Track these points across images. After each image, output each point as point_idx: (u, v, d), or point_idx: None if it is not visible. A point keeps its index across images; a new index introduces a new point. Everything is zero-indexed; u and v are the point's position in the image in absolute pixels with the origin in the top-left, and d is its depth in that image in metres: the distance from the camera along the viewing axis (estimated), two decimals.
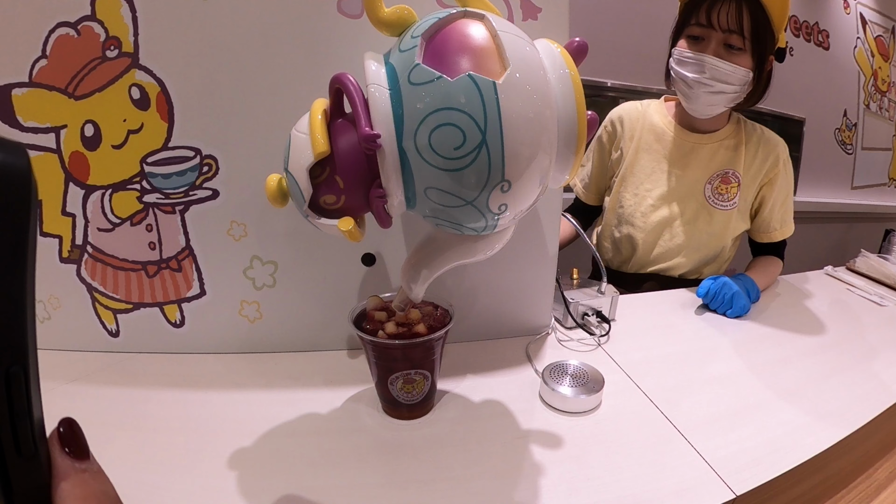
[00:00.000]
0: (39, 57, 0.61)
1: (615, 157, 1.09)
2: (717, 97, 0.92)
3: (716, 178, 1.00)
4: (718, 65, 0.89)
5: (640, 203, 1.03)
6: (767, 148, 1.01)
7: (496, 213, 0.43)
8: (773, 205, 1.03)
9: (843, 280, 1.13)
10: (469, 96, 0.38)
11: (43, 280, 0.67)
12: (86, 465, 0.20)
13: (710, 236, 1.02)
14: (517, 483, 0.49)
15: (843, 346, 0.82)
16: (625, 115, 1.08)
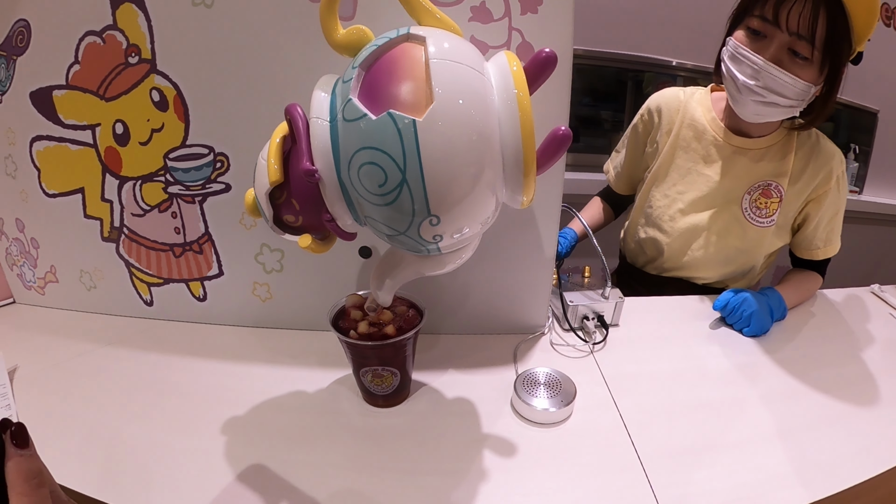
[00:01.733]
0: (73, 62, 0.74)
1: (650, 151, 1.04)
2: (768, 108, 0.83)
3: (756, 189, 0.92)
4: (775, 73, 0.79)
5: (670, 206, 0.99)
6: (820, 161, 0.91)
7: (432, 242, 0.48)
8: (819, 223, 0.95)
9: (889, 303, 1.00)
10: (388, 135, 0.42)
11: (89, 255, 0.85)
12: (24, 452, 0.32)
13: (740, 252, 0.97)
14: (459, 484, 0.55)
15: (866, 384, 0.75)
16: (663, 105, 1.01)
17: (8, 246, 0.92)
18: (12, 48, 0.78)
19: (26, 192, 0.85)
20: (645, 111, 1.05)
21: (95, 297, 0.87)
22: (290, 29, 0.66)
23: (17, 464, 0.32)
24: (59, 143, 0.79)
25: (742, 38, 0.82)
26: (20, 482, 0.32)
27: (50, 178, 0.83)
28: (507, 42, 0.65)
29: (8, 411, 0.66)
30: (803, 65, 0.78)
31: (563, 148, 0.49)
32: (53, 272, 0.89)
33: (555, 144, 0.48)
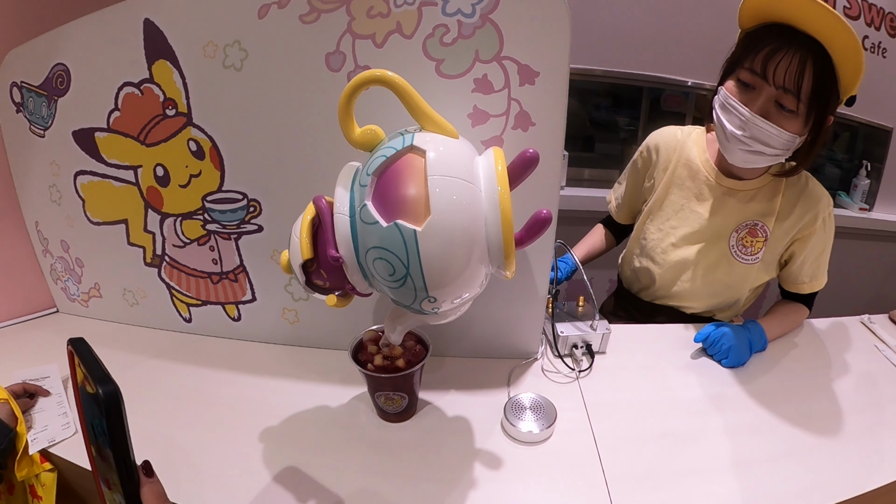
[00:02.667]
0: (113, 109, 0.89)
1: (647, 186, 1.15)
2: (755, 156, 0.92)
3: (743, 228, 1.03)
4: (762, 125, 0.87)
5: (663, 239, 1.10)
6: (807, 204, 1.00)
7: (431, 311, 0.64)
8: (805, 260, 1.05)
9: (876, 334, 1.10)
10: (395, 240, 0.56)
11: (132, 276, 1.02)
12: (152, 479, 0.47)
13: (727, 287, 1.08)
14: (453, 490, 0.72)
15: (832, 419, 0.85)
16: (661, 144, 1.12)
17: (53, 262, 1.11)
18: (53, 89, 0.93)
19: (71, 218, 1.02)
20: (644, 148, 1.16)
21: (138, 313, 1.05)
22: (312, 93, 0.80)
23: (150, 488, 0.47)
24: (103, 179, 0.95)
25: (732, 88, 0.91)
26: (153, 500, 0.46)
27: (94, 208, 0.99)
28: (507, 111, 0.77)
29: (65, 419, 0.83)
30: (789, 117, 0.87)
31: (545, 228, 0.63)
32: (97, 288, 1.07)
33: (537, 226, 0.62)
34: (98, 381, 0.43)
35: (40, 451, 0.79)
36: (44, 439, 0.80)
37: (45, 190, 1.03)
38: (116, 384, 0.43)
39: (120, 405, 0.43)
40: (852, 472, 0.77)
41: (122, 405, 0.43)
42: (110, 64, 0.87)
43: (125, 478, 0.45)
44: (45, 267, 1.14)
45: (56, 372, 0.93)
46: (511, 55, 0.75)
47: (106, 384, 0.43)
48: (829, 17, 0.78)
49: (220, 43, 0.80)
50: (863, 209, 2.07)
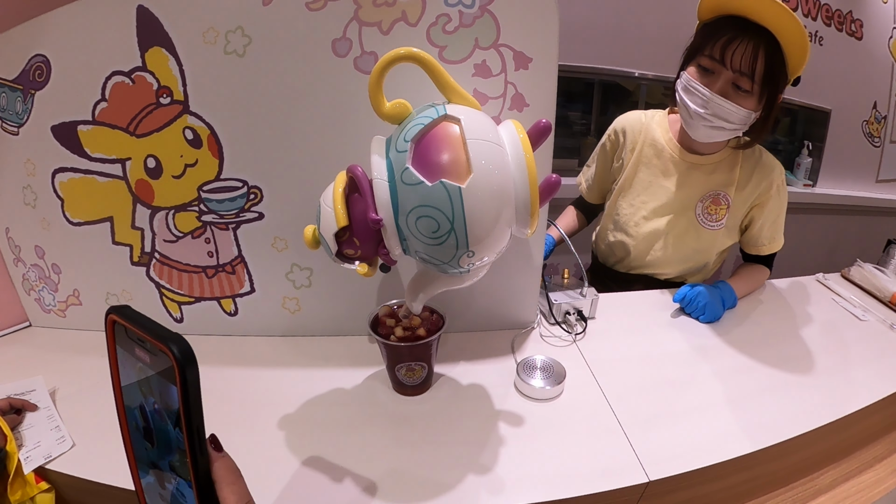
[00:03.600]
0: (100, 100, 0.88)
1: (616, 166, 1.28)
2: (717, 132, 1.06)
3: (707, 198, 1.17)
4: (722, 104, 1.01)
5: (635, 213, 1.23)
6: (763, 172, 1.16)
7: (465, 267, 0.69)
8: (763, 224, 1.20)
9: (832, 289, 1.28)
10: (441, 198, 0.62)
11: (117, 278, 0.99)
12: (223, 454, 0.44)
13: (696, 252, 1.22)
14: (483, 450, 0.77)
15: (807, 358, 1.01)
16: (627, 127, 1.25)
17: (25, 272, 1.05)
18: (30, 82, 0.90)
19: (47, 220, 0.98)
20: (612, 132, 1.29)
21: None
22: (317, 79, 0.83)
23: (223, 463, 0.43)
24: (86, 175, 0.92)
25: (694, 73, 1.05)
26: (229, 474, 0.43)
27: (74, 208, 0.96)
28: (504, 94, 0.85)
29: (59, 433, 0.79)
30: (745, 96, 1.02)
31: (554, 191, 0.70)
32: (76, 295, 1.03)
33: (548, 189, 0.70)
34: (166, 340, 0.39)
35: (35, 471, 0.75)
36: (39, 456, 0.76)
37: (17, 192, 0.98)
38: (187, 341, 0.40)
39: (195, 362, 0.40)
40: (831, 400, 0.90)
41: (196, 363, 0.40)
42: (97, 53, 0.86)
43: (197, 454, 0.41)
44: (16, 278, 1.07)
45: (42, 385, 0.89)
46: (507, 42, 0.82)
47: (178, 341, 0.39)
48: (779, 10, 0.94)
49: (221, 29, 0.82)
50: (807, 185, 2.35)
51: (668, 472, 0.75)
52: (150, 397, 0.43)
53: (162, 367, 0.40)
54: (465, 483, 0.73)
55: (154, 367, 0.41)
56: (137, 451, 0.47)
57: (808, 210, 2.31)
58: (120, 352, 0.45)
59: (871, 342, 1.09)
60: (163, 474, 0.45)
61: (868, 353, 1.05)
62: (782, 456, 0.85)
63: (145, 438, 0.46)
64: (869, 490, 0.97)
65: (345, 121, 0.85)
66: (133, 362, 0.43)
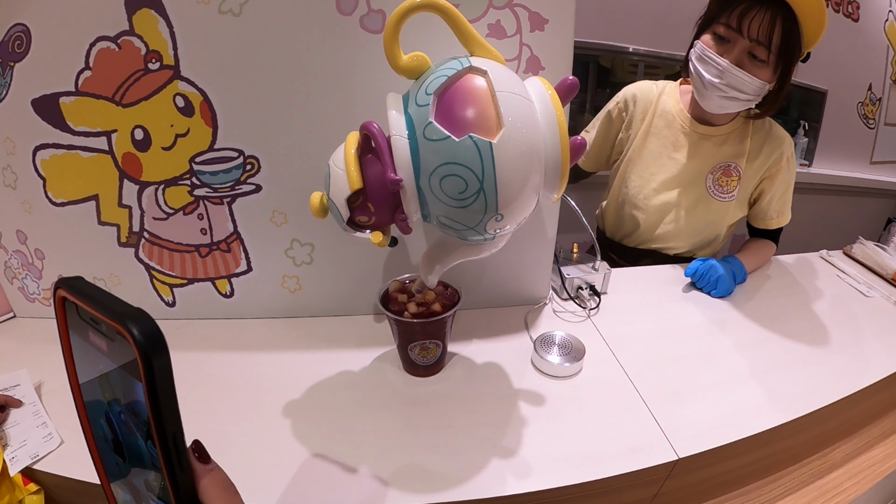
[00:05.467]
0: (83, 68, 0.77)
1: (623, 137, 1.22)
2: (730, 102, 1.01)
3: (718, 169, 1.12)
4: (737, 74, 0.97)
5: (645, 186, 1.17)
6: (773, 144, 1.12)
7: (492, 234, 0.61)
8: (773, 197, 1.16)
9: (836, 266, 1.25)
10: (470, 154, 0.54)
11: (104, 261, 0.88)
12: (211, 466, 0.34)
13: (707, 224, 1.17)
14: (505, 432, 0.70)
15: (818, 333, 0.96)
16: (639, 95, 1.19)
17: (7, 259, 0.93)
18: (9, 54, 0.79)
19: (29, 202, 0.87)
20: (621, 99, 1.22)
21: None
22: (320, 39, 0.74)
23: (211, 479, 0.34)
24: (69, 151, 0.82)
25: (709, 41, 1.00)
26: (220, 494, 0.33)
27: (57, 187, 0.85)
28: (519, 56, 0.77)
29: (46, 430, 0.70)
30: (761, 66, 0.97)
31: (581, 153, 0.63)
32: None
33: (575, 151, 0.62)
34: (124, 318, 0.28)
35: (22, 472, 0.65)
36: (25, 456, 0.66)
37: None
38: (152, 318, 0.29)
39: (165, 347, 0.29)
40: (844, 374, 0.86)
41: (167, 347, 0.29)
42: (81, 18, 0.75)
43: (176, 471, 0.31)
44: None
45: (26, 378, 0.78)
46: (522, 2, 0.75)
47: (139, 321, 0.28)
48: None
49: None
50: (803, 164, 2.31)
51: (696, 449, 0.69)
52: (113, 400, 0.32)
53: (123, 359, 0.29)
54: (490, 468, 0.65)
55: (113, 358, 0.30)
56: (108, 466, 0.36)
57: (803, 190, 2.23)
58: (74, 339, 0.33)
59: (878, 318, 1.05)
60: (140, 494, 0.35)
61: (876, 329, 1.01)
62: (802, 430, 0.80)
63: (115, 451, 0.34)
64: (880, 465, 0.94)
65: (350, 84, 0.76)
66: (91, 352, 0.32)
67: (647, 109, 1.18)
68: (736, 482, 0.83)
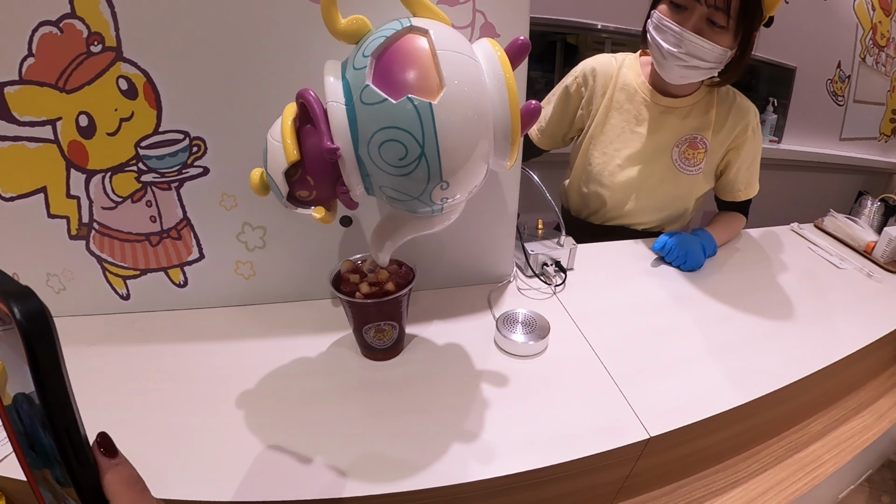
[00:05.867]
0: (27, 55, 0.73)
1: (582, 114, 1.18)
2: (691, 71, 0.98)
3: (684, 142, 1.09)
4: (696, 41, 0.93)
5: (609, 162, 1.14)
6: (738, 114, 1.09)
7: (439, 204, 0.58)
8: (739, 168, 1.13)
9: (807, 238, 1.23)
10: (409, 116, 0.51)
11: (56, 256, 0.84)
12: (117, 460, 0.31)
13: (675, 198, 1.14)
14: (468, 414, 0.67)
15: (789, 306, 0.94)
16: (598, 70, 1.15)
17: None
18: None
19: None
20: (580, 74, 1.17)
21: (66, 300, 0.86)
22: (264, 10, 0.70)
23: (116, 474, 0.31)
24: (15, 143, 0.77)
25: (665, 10, 0.96)
26: (125, 490, 0.31)
27: (6, 181, 0.80)
28: (472, 22, 0.74)
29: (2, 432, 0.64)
30: (720, 32, 0.94)
31: (535, 118, 0.59)
32: (17, 279, 0.86)
33: (528, 116, 0.59)
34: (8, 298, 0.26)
35: None
36: None
37: None
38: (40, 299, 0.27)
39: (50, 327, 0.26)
40: (819, 347, 0.84)
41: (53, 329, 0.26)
42: (22, 3, 0.71)
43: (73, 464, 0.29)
44: None
45: None
46: None
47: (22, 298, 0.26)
48: None
49: None
50: (773, 141, 2.32)
51: (668, 427, 0.67)
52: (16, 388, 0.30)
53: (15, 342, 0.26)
54: (451, 453, 0.62)
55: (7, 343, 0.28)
56: (31, 462, 0.33)
57: (773, 166, 2.27)
58: None
59: (852, 290, 1.03)
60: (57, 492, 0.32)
61: (850, 301, 0.99)
62: (777, 404, 0.78)
63: (30, 447, 0.31)
64: (859, 436, 0.93)
65: (297, 57, 0.73)
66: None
67: (607, 84, 1.14)
68: (713, 458, 0.81)
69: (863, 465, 1.10)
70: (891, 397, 1.04)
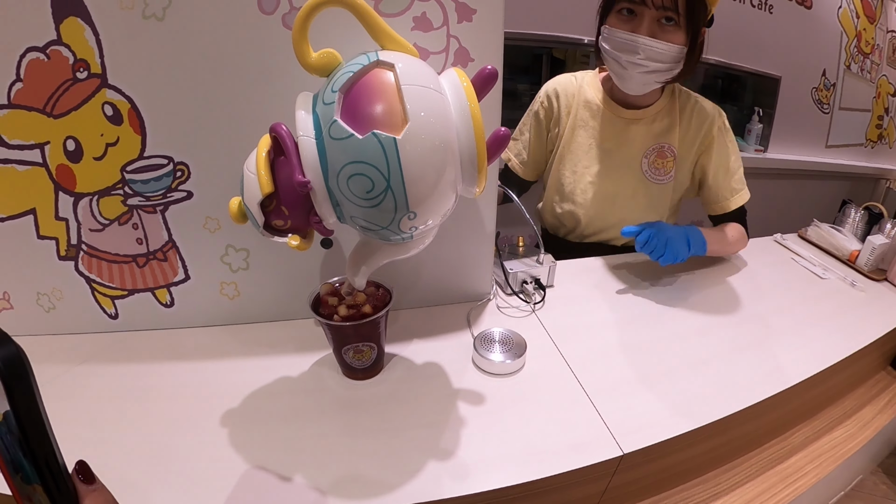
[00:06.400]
0: (15, 80, 0.74)
1: (552, 134, 1.18)
2: (651, 76, 0.99)
3: (651, 152, 1.10)
4: (653, 45, 0.94)
5: (580, 180, 1.14)
6: (701, 116, 1.09)
7: (408, 232, 0.59)
8: (717, 173, 1.11)
9: (790, 248, 1.23)
10: (374, 151, 0.52)
11: (45, 276, 0.85)
12: (95, 486, 0.34)
13: (649, 209, 1.14)
14: (443, 432, 0.68)
15: (770, 317, 0.94)
16: (560, 90, 1.16)
17: None
18: None
19: None
20: (543, 97, 1.19)
21: (55, 318, 0.88)
22: (243, 39, 0.72)
23: (93, 499, 0.33)
24: (4, 165, 0.79)
25: (615, 22, 0.98)
26: None
27: None
28: (446, 48, 0.75)
29: None
30: (673, 31, 0.95)
31: (505, 145, 0.61)
32: (7, 298, 0.88)
33: (497, 143, 0.60)
34: None
35: None
36: None
37: None
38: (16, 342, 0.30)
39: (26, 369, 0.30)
40: (799, 358, 0.84)
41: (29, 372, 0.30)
42: (10, 29, 0.72)
43: (53, 492, 0.32)
44: None
45: None
46: None
47: None
48: None
49: None
50: (758, 150, 2.30)
51: (641, 444, 0.67)
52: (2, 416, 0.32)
53: None
54: (426, 470, 0.63)
55: None
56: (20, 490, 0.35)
57: (759, 175, 2.25)
58: None
59: (834, 299, 1.04)
60: None
61: (832, 311, 1.00)
62: (755, 417, 0.78)
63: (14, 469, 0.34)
64: (841, 446, 0.93)
65: (275, 85, 0.74)
66: None
67: (570, 103, 1.15)
68: (693, 471, 0.82)
69: (847, 476, 1.10)
70: (875, 406, 1.04)
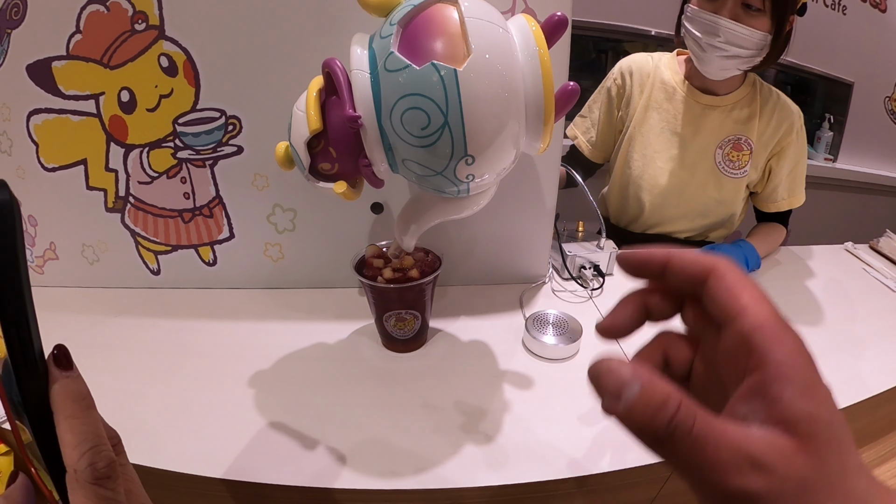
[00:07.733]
0: (74, 32, 0.75)
1: (620, 115, 1.12)
2: (731, 61, 0.92)
3: (727, 143, 1.02)
4: (734, 28, 0.89)
5: (649, 165, 1.07)
6: (782, 115, 1.02)
7: (464, 181, 0.54)
8: (783, 175, 1.05)
9: (861, 259, 1.11)
10: (432, 83, 0.47)
11: (91, 227, 0.85)
12: (69, 374, 0.30)
13: (719, 203, 1.06)
14: (484, 415, 0.62)
15: (833, 328, 0.85)
16: (635, 68, 1.10)
17: None
18: (6, 21, 0.77)
19: (23, 168, 0.84)
20: (618, 74, 1.13)
21: (99, 271, 0.87)
22: None
23: (64, 385, 0.30)
24: (60, 115, 0.79)
25: (698, 2, 0.93)
26: (69, 403, 0.29)
27: (49, 152, 0.82)
28: (512, 8, 0.70)
29: None
30: (757, 16, 0.89)
31: (573, 101, 0.55)
32: (53, 249, 0.88)
33: (565, 98, 0.54)
34: None
35: None
36: None
37: None
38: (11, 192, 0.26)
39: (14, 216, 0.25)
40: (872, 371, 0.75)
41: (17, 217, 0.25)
42: None
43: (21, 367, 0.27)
44: None
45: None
46: None
47: None
48: None
49: None
50: (828, 159, 2.14)
51: None
52: None
53: None
54: (461, 455, 0.57)
55: None
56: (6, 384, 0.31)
57: (827, 186, 2.10)
58: None
59: None
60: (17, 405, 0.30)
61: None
62: None
63: None
64: None
65: (332, 38, 0.71)
66: None
67: (644, 82, 1.08)
68: None
69: None
70: None
